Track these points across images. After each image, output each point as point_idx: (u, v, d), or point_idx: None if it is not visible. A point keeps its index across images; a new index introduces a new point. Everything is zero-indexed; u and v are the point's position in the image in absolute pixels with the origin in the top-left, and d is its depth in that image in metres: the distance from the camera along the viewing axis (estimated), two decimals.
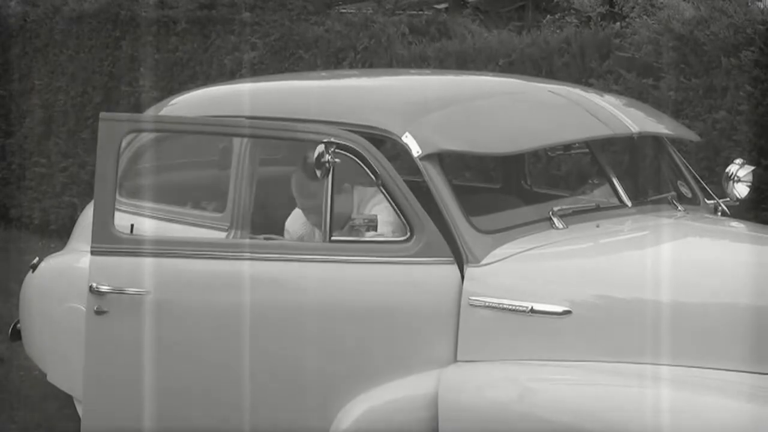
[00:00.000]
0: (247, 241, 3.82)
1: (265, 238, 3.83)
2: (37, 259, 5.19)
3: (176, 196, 4.43)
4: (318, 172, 3.54)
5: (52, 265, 5.05)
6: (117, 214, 3.80)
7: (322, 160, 3.52)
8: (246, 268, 3.69)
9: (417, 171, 3.95)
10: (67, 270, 4.82)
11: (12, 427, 5.24)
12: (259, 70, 7.87)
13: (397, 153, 4.49)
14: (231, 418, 3.68)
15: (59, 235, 8.60)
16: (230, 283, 3.70)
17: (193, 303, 3.68)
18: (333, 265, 3.67)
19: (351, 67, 7.48)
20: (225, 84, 4.23)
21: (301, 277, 3.72)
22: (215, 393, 3.70)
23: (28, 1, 9.83)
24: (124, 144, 3.85)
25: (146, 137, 4.38)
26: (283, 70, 7.81)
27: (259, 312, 3.68)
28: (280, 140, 3.93)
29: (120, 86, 8.92)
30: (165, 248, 3.74)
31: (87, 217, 5.10)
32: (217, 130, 3.75)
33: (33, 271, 5.15)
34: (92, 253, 3.68)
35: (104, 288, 3.63)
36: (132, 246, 3.71)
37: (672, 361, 3.30)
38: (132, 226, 3.96)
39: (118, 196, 3.89)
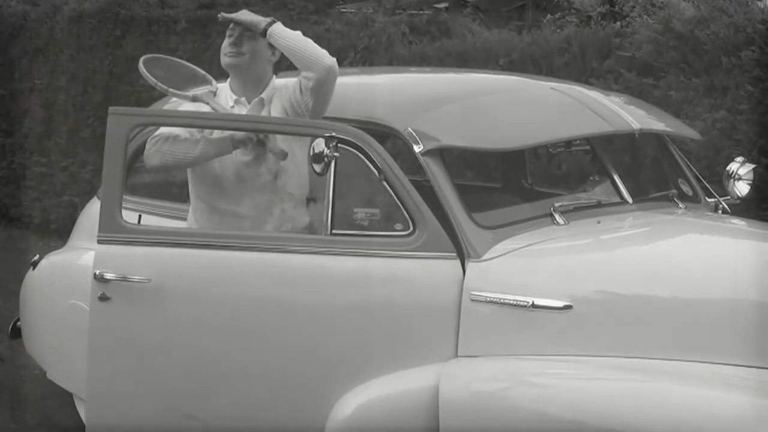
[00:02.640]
0: (250, 233, 3.85)
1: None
2: (37, 256, 5.19)
3: (178, 192, 4.44)
4: (318, 167, 3.55)
5: (52, 262, 5.06)
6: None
7: (322, 154, 3.54)
8: (247, 259, 3.73)
9: (418, 170, 3.97)
10: (68, 267, 4.83)
11: (12, 426, 5.24)
12: None
13: (398, 152, 4.50)
14: (229, 406, 3.70)
15: (59, 234, 8.59)
16: (232, 275, 3.74)
17: (195, 293, 3.73)
18: (334, 258, 3.69)
19: (351, 67, 7.49)
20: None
21: (302, 269, 3.73)
22: (214, 381, 3.74)
23: (28, 0, 9.84)
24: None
25: (145, 135, 4.39)
26: (284, 69, 7.80)
27: (259, 304, 3.71)
28: (283, 135, 3.95)
29: (120, 86, 8.92)
30: (170, 238, 3.80)
31: (87, 214, 5.11)
32: (222, 125, 3.78)
33: (33, 269, 5.15)
34: (99, 241, 3.75)
35: (109, 276, 3.69)
36: (138, 235, 3.76)
37: (673, 355, 3.30)
38: (140, 217, 4.02)
39: None
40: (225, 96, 4.00)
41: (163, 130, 3.84)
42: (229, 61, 3.96)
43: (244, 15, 3.94)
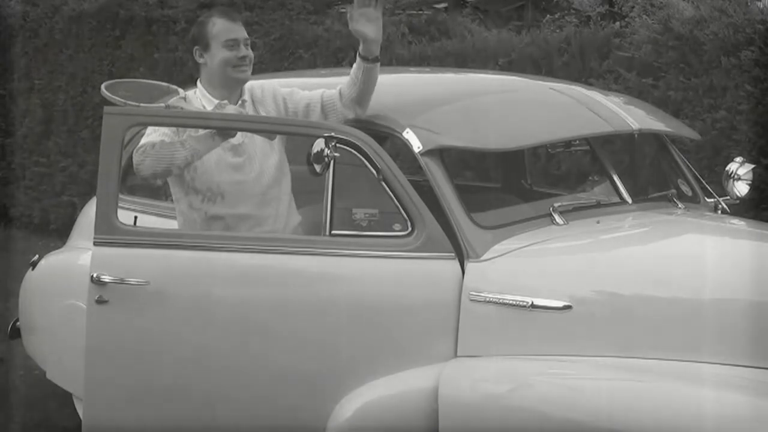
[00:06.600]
0: (248, 234, 3.85)
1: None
2: (36, 256, 5.19)
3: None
4: (317, 167, 3.56)
5: (51, 262, 5.06)
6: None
7: (322, 154, 3.54)
8: (245, 260, 3.72)
9: (418, 170, 3.97)
10: (67, 267, 4.83)
11: (12, 426, 5.24)
12: (259, 69, 7.87)
13: (398, 152, 4.51)
14: (228, 408, 3.70)
15: (59, 234, 8.59)
16: (230, 276, 3.73)
17: (192, 295, 3.71)
18: (333, 259, 3.69)
19: (351, 67, 7.48)
20: None
21: (301, 270, 3.74)
22: (213, 383, 3.73)
23: (27, 0, 9.83)
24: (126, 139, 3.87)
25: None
26: (283, 69, 7.82)
27: (258, 305, 3.70)
28: (281, 135, 3.97)
29: None
30: (168, 240, 3.78)
31: (86, 215, 5.11)
32: (218, 124, 3.78)
33: (33, 269, 5.16)
34: (95, 244, 3.72)
35: (106, 278, 3.67)
36: (134, 237, 3.74)
37: (672, 355, 3.30)
38: (135, 218, 4.00)
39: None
40: (198, 101, 4.00)
41: (146, 139, 3.84)
42: (244, 76, 3.99)
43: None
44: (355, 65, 3.96)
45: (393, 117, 3.97)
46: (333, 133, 3.62)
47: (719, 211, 4.51)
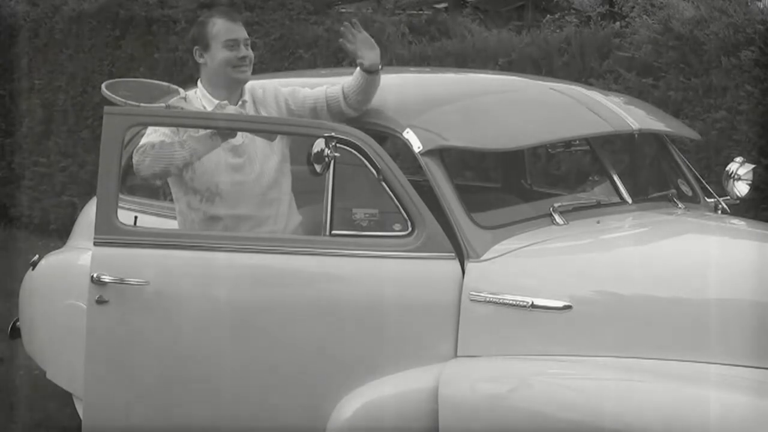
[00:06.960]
0: (248, 234, 3.86)
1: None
2: (36, 256, 5.19)
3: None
4: (317, 167, 3.56)
5: (51, 262, 5.06)
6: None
7: (322, 154, 3.55)
8: (245, 260, 3.73)
9: (418, 170, 3.97)
10: (67, 267, 4.83)
11: (12, 426, 5.24)
12: (259, 69, 7.87)
13: (398, 152, 4.51)
14: (228, 409, 3.70)
15: (59, 234, 8.59)
16: (229, 276, 3.74)
17: (192, 295, 3.72)
18: (333, 259, 3.69)
19: (351, 66, 7.48)
20: None
21: (301, 270, 3.74)
22: (212, 384, 3.74)
23: (28, 0, 9.84)
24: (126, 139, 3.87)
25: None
26: (283, 69, 7.83)
27: (259, 306, 3.71)
28: (281, 135, 3.97)
29: None
30: (168, 240, 3.79)
31: (87, 215, 5.11)
32: (219, 124, 3.78)
33: (33, 269, 5.16)
34: (95, 244, 3.73)
35: (106, 278, 3.68)
36: (134, 237, 3.75)
37: (672, 355, 3.30)
38: (135, 218, 4.01)
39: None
40: (199, 101, 4.00)
41: (146, 139, 3.84)
42: (244, 76, 3.99)
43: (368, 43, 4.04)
44: (356, 73, 3.96)
45: (393, 117, 3.97)
46: (333, 133, 3.63)
47: (719, 211, 4.51)
